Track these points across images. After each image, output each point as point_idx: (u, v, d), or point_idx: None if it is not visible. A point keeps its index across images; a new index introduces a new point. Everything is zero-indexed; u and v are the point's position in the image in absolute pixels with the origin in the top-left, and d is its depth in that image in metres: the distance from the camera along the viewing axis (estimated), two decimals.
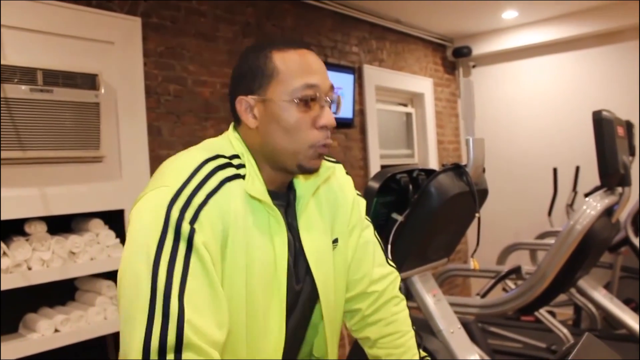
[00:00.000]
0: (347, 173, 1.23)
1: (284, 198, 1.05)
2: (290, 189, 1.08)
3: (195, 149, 1.00)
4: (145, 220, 0.87)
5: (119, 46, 2.47)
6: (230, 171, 0.96)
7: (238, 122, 1.04)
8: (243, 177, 0.97)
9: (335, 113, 1.03)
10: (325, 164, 1.10)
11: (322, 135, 0.98)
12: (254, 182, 0.97)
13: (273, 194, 1.01)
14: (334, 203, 1.14)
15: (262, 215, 0.98)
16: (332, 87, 1.01)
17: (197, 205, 0.88)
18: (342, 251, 1.14)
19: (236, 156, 1.00)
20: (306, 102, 0.97)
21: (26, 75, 2.04)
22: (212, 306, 0.86)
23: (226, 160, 0.97)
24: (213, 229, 0.89)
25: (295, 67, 0.97)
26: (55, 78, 2.11)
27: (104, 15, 2.43)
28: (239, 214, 0.94)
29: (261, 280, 0.97)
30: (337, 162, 1.21)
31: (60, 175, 2.24)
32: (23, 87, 2.02)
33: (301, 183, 1.08)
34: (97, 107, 2.24)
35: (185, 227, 0.86)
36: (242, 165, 0.99)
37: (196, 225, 0.87)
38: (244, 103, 1.00)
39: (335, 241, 1.13)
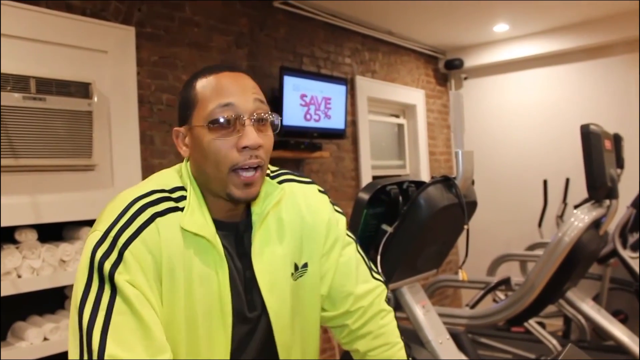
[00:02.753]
0: (321, 191, 1.20)
1: (232, 227, 1.03)
2: (248, 215, 1.06)
3: (137, 186, 1.00)
4: (79, 266, 0.94)
5: (112, 55, 2.48)
6: (164, 206, 0.96)
7: None
8: (182, 209, 0.97)
9: (276, 131, 1.00)
10: (274, 186, 1.08)
11: (242, 157, 0.95)
12: (193, 214, 0.97)
13: (220, 224, 1.01)
14: (301, 226, 1.11)
15: (204, 247, 0.98)
16: (259, 105, 0.98)
17: (121, 245, 0.91)
18: (312, 275, 1.12)
19: (181, 188, 1.00)
20: (222, 125, 0.95)
21: (19, 83, 2.05)
22: (142, 337, 0.89)
23: (161, 195, 0.97)
24: (142, 265, 0.92)
25: (211, 90, 0.97)
26: (48, 86, 2.12)
27: (98, 25, 2.45)
28: (174, 247, 0.95)
29: (204, 309, 0.97)
30: (310, 182, 1.19)
31: (52, 183, 2.24)
32: (16, 95, 2.03)
33: (255, 209, 1.06)
34: (90, 115, 2.25)
35: (107, 269, 0.90)
36: (183, 198, 0.99)
37: (121, 266, 0.90)
38: (176, 133, 1.02)
39: (304, 266, 1.11)
